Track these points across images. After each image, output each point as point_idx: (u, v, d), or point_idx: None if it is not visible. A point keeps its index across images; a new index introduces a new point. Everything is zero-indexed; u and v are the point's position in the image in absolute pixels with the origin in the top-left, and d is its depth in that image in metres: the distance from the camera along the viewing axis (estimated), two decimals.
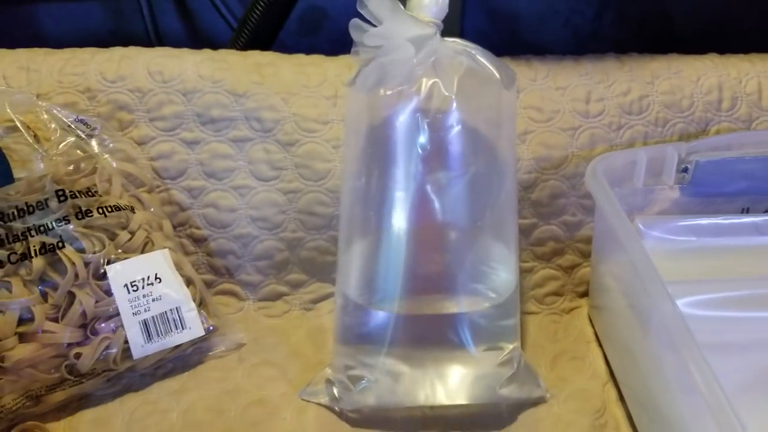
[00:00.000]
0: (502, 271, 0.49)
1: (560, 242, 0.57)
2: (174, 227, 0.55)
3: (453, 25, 0.68)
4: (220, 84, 0.55)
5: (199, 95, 0.55)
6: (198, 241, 0.56)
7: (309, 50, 0.59)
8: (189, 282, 0.51)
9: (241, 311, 0.56)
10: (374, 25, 0.42)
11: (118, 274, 0.47)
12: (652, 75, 0.57)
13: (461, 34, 0.72)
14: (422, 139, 0.44)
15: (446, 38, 0.45)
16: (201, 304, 0.51)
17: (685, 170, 0.53)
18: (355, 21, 0.42)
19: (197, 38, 0.73)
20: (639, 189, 0.54)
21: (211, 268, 0.56)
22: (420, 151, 0.45)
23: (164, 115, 0.55)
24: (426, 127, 0.44)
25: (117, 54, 0.56)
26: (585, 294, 0.58)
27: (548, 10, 0.73)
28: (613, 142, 0.56)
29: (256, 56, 0.57)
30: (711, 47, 0.62)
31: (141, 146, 0.55)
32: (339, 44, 0.50)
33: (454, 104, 0.44)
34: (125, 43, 0.58)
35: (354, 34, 0.42)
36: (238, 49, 0.62)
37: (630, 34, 0.74)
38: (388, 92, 0.43)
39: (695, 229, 0.53)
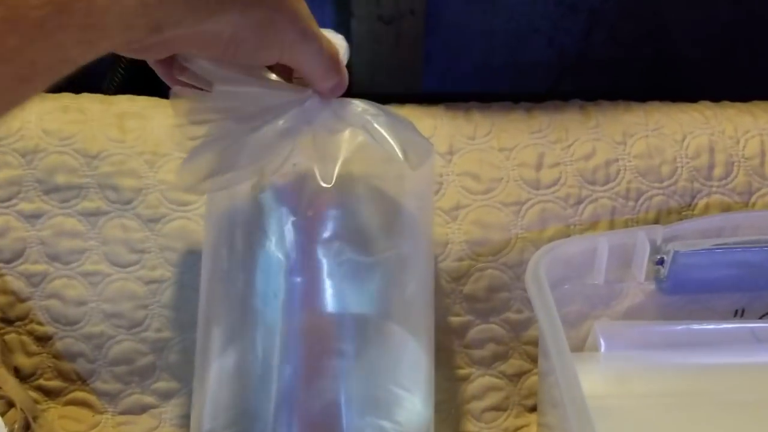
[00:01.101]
0: (415, 396, 0.37)
1: (503, 344, 0.45)
2: (11, 322, 0.44)
3: (415, 49, 0.57)
4: (68, 142, 0.43)
5: (42, 156, 0.43)
6: (41, 339, 0.44)
7: None
8: (9, 405, 0.39)
9: (96, 427, 0.44)
10: (209, 90, 0.30)
11: None
12: (623, 132, 0.45)
13: (424, 60, 0.61)
14: (289, 239, 0.33)
15: (343, 98, 0.33)
16: (27, 430, 0.39)
17: (661, 262, 0.41)
18: (177, 90, 0.30)
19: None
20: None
21: (59, 374, 0.44)
22: (286, 257, 0.33)
23: None
24: (294, 227, 0.33)
25: None
26: (535, 408, 0.46)
27: (528, 28, 0.61)
28: (569, 221, 0.44)
29: (123, 103, 0.46)
30: (716, 68, 0.51)
31: None
32: None
33: (335, 197, 0.32)
34: None
35: (176, 108, 0.30)
36: (111, 93, 0.50)
37: (623, 55, 0.62)
38: (233, 184, 0.31)
39: (672, 338, 0.41)
